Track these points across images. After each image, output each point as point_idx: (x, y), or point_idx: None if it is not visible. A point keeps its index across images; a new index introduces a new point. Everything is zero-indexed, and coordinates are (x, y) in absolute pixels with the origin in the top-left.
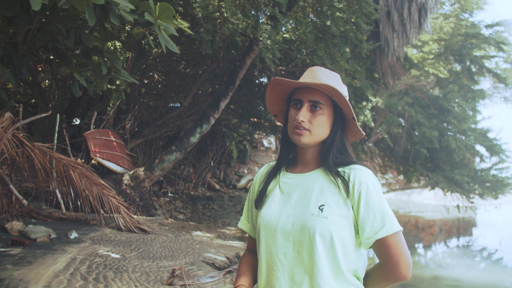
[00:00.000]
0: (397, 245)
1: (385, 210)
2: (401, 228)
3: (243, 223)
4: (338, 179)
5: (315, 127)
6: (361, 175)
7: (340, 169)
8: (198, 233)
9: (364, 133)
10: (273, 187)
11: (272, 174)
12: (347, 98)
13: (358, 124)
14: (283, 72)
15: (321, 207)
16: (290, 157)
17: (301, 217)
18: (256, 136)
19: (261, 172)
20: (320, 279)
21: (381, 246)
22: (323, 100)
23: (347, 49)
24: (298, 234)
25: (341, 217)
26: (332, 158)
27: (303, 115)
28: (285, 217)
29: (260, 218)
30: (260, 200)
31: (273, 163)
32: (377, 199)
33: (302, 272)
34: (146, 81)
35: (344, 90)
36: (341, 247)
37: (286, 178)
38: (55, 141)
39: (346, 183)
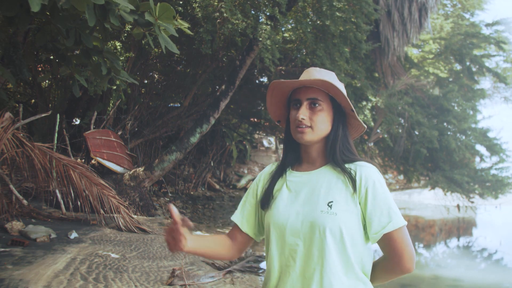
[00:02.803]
0: (402, 239)
1: (391, 205)
2: (406, 223)
3: (236, 216)
4: (345, 175)
5: (316, 124)
6: (367, 172)
7: (346, 166)
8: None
9: (365, 126)
10: (280, 186)
11: (278, 174)
12: (344, 92)
13: (359, 118)
14: (283, 72)
15: (329, 204)
16: (295, 156)
17: (311, 214)
18: (256, 136)
19: (266, 171)
20: (331, 274)
21: (386, 240)
22: (321, 97)
23: (347, 49)
24: (308, 231)
25: (350, 213)
26: (339, 153)
27: (303, 113)
28: (294, 215)
29: (270, 217)
30: (267, 200)
31: (278, 163)
32: (383, 195)
33: (312, 268)
34: (146, 81)
35: (340, 85)
36: (351, 243)
37: (292, 176)
38: (55, 141)
39: (353, 180)
